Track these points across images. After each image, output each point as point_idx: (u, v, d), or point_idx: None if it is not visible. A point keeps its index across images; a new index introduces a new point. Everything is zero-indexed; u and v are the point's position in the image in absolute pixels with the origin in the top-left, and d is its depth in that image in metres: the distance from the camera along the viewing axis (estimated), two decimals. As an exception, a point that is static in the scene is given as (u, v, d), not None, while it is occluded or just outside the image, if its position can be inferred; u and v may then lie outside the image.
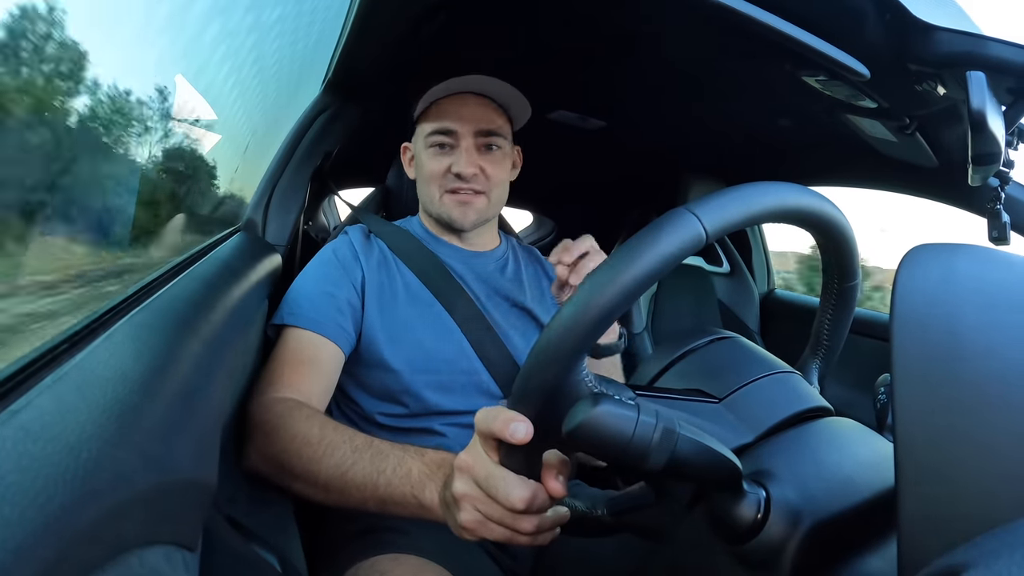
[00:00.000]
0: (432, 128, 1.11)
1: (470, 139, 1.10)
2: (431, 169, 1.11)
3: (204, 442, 0.49)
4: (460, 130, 1.10)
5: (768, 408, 0.56)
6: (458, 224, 1.13)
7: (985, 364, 0.35)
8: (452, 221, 1.13)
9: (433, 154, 1.11)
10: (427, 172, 1.12)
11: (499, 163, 1.14)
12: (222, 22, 1.57)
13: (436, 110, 1.11)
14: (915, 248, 0.42)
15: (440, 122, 1.10)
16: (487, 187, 1.12)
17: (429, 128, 1.11)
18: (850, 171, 1.69)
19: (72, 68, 0.91)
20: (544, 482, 0.56)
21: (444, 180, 1.11)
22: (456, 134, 1.10)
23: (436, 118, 1.11)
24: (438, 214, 1.14)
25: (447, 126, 1.10)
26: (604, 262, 0.45)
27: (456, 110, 1.10)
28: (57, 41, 0.86)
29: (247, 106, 1.81)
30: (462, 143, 1.10)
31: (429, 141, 1.11)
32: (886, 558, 0.45)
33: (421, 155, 1.14)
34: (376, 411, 1.03)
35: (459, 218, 1.12)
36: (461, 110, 1.10)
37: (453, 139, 1.10)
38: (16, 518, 0.27)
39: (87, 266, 0.95)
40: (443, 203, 1.12)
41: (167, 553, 0.39)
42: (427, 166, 1.12)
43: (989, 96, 0.79)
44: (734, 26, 0.78)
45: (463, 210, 1.12)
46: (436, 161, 1.11)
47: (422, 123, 1.14)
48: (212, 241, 1.05)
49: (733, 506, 0.48)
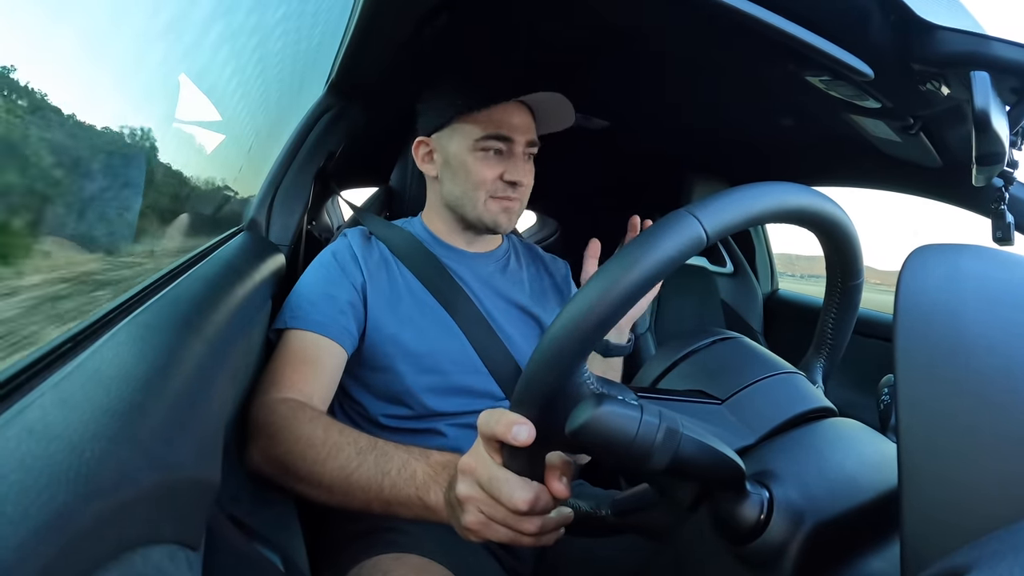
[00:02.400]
0: (488, 132, 1.09)
1: (522, 148, 1.11)
2: (481, 174, 1.10)
3: (207, 441, 0.49)
4: (516, 138, 1.10)
5: (771, 409, 0.56)
6: (502, 228, 1.14)
7: (989, 364, 0.35)
8: (496, 226, 1.13)
9: (484, 158, 1.10)
10: (476, 177, 1.10)
11: (531, 173, 1.15)
12: (226, 22, 1.57)
13: (486, 114, 1.09)
14: (919, 248, 0.42)
15: (498, 128, 1.09)
16: (524, 195, 1.14)
17: (480, 132, 1.09)
18: (854, 171, 1.68)
19: (72, 69, 0.91)
20: (547, 483, 0.56)
21: (494, 186, 1.10)
22: (512, 142, 1.10)
23: (490, 124, 1.09)
24: (478, 218, 1.13)
25: (504, 133, 1.09)
26: (605, 264, 0.45)
27: (509, 119, 1.10)
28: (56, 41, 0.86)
29: (250, 106, 1.81)
30: (516, 150, 1.10)
31: (480, 145, 1.09)
32: (889, 559, 0.44)
33: (464, 157, 1.11)
34: (379, 413, 1.03)
35: (504, 223, 1.13)
36: (514, 119, 1.10)
37: (507, 146, 1.10)
38: (19, 516, 0.27)
39: (91, 265, 0.95)
40: (487, 208, 1.11)
41: (170, 552, 0.39)
42: (476, 170, 1.10)
43: (993, 96, 0.78)
44: (738, 26, 0.78)
45: (508, 216, 1.13)
46: (487, 166, 1.10)
47: (466, 124, 1.10)
48: (216, 241, 1.05)
49: (736, 507, 0.48)
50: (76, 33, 0.91)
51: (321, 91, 1.36)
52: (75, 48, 0.91)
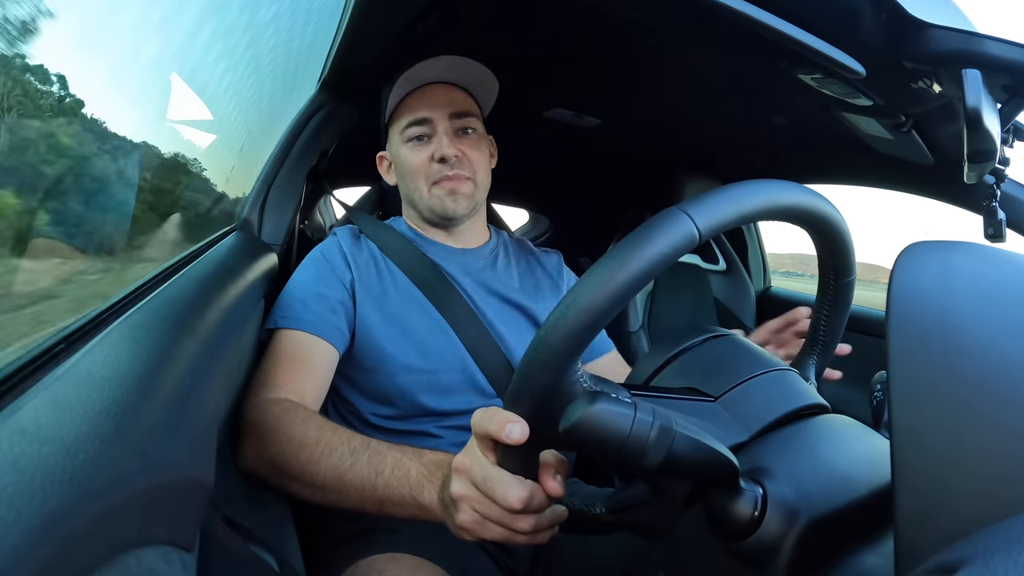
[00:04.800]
0: (407, 121, 1.10)
1: (446, 123, 1.10)
2: (413, 162, 1.10)
3: (201, 442, 0.49)
4: (434, 116, 1.09)
5: (764, 406, 0.56)
6: (451, 213, 1.12)
7: (981, 360, 0.35)
8: (445, 211, 1.12)
9: (412, 147, 1.11)
10: (410, 166, 1.11)
11: (476, 146, 1.13)
12: (217, 20, 1.57)
13: (405, 106, 1.11)
14: (911, 245, 0.42)
15: (413, 113, 1.10)
16: (471, 171, 1.12)
17: (404, 122, 1.10)
18: (846, 168, 1.69)
19: (66, 68, 0.91)
20: (541, 481, 0.56)
21: (429, 170, 1.10)
22: (431, 121, 1.09)
23: (408, 111, 1.10)
24: (428, 207, 1.13)
25: (421, 115, 1.09)
26: (598, 262, 0.45)
27: (426, 100, 1.10)
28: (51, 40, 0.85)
29: (242, 105, 1.81)
30: (439, 128, 1.10)
31: (406, 135, 1.11)
32: (883, 554, 0.45)
33: (400, 152, 1.13)
34: (370, 412, 1.03)
35: (452, 207, 1.11)
36: (431, 98, 1.10)
37: (429, 128, 1.10)
38: (13, 519, 0.27)
39: (83, 266, 0.95)
40: (432, 195, 1.11)
41: (164, 553, 0.39)
42: (408, 160, 1.11)
43: (985, 94, 0.79)
44: (730, 24, 0.78)
45: (454, 198, 1.11)
46: (416, 153, 1.10)
47: (395, 122, 1.13)
48: (208, 241, 1.05)
49: (730, 503, 0.48)
50: (67, 30, 0.90)
51: (314, 89, 1.35)
52: (66, 45, 0.91)
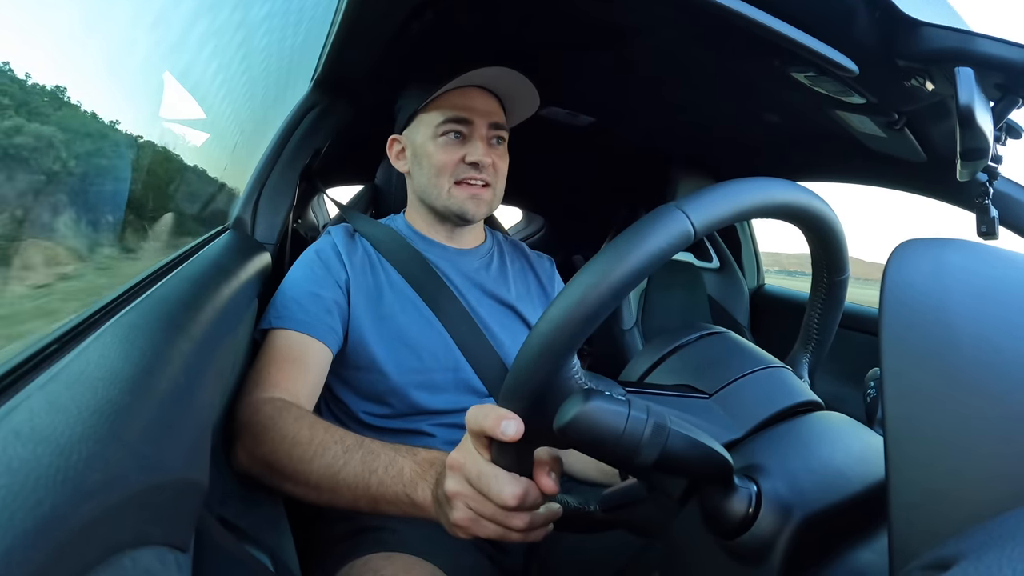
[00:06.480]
0: (446, 116, 1.08)
1: (484, 130, 1.10)
2: (442, 159, 1.09)
3: (195, 442, 0.49)
4: (476, 120, 1.09)
5: (758, 403, 0.56)
6: (469, 216, 1.11)
7: (974, 357, 0.35)
8: (463, 212, 1.11)
9: (444, 143, 1.09)
10: (437, 162, 1.09)
11: (503, 158, 1.13)
12: (210, 19, 1.56)
13: (445, 101, 1.09)
14: (904, 242, 0.42)
15: (456, 111, 1.08)
16: (494, 180, 1.12)
17: (441, 116, 1.09)
18: (839, 166, 1.70)
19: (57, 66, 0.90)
20: (536, 479, 0.56)
21: (456, 170, 1.09)
22: (471, 124, 1.09)
23: (448, 108, 1.09)
24: (445, 206, 1.12)
25: (463, 115, 1.08)
26: (593, 258, 0.45)
27: (468, 102, 1.09)
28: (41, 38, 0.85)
29: (235, 104, 1.80)
30: (476, 133, 1.09)
31: (441, 130, 1.09)
32: (877, 551, 0.45)
33: (427, 145, 1.11)
34: (363, 411, 1.03)
35: (472, 210, 1.11)
36: (473, 102, 1.09)
37: (468, 129, 1.09)
38: (7, 520, 0.27)
39: (76, 264, 0.95)
40: (452, 195, 1.10)
41: (159, 554, 0.38)
42: (437, 156, 1.09)
43: (977, 92, 0.79)
44: (723, 22, 0.78)
45: (476, 202, 1.10)
46: (448, 151, 1.09)
47: (428, 113, 1.11)
48: (201, 240, 1.04)
49: (724, 501, 0.48)
50: (58, 28, 0.90)
51: (307, 88, 1.35)
52: (58, 44, 0.90)
